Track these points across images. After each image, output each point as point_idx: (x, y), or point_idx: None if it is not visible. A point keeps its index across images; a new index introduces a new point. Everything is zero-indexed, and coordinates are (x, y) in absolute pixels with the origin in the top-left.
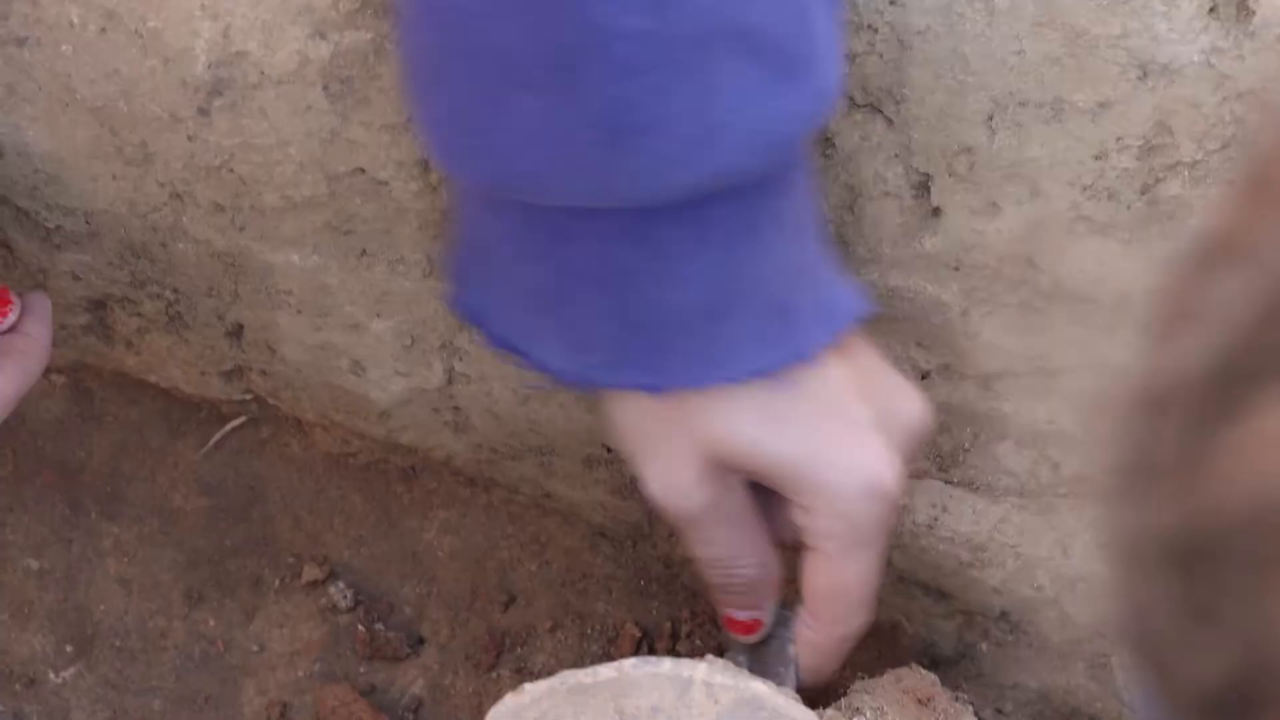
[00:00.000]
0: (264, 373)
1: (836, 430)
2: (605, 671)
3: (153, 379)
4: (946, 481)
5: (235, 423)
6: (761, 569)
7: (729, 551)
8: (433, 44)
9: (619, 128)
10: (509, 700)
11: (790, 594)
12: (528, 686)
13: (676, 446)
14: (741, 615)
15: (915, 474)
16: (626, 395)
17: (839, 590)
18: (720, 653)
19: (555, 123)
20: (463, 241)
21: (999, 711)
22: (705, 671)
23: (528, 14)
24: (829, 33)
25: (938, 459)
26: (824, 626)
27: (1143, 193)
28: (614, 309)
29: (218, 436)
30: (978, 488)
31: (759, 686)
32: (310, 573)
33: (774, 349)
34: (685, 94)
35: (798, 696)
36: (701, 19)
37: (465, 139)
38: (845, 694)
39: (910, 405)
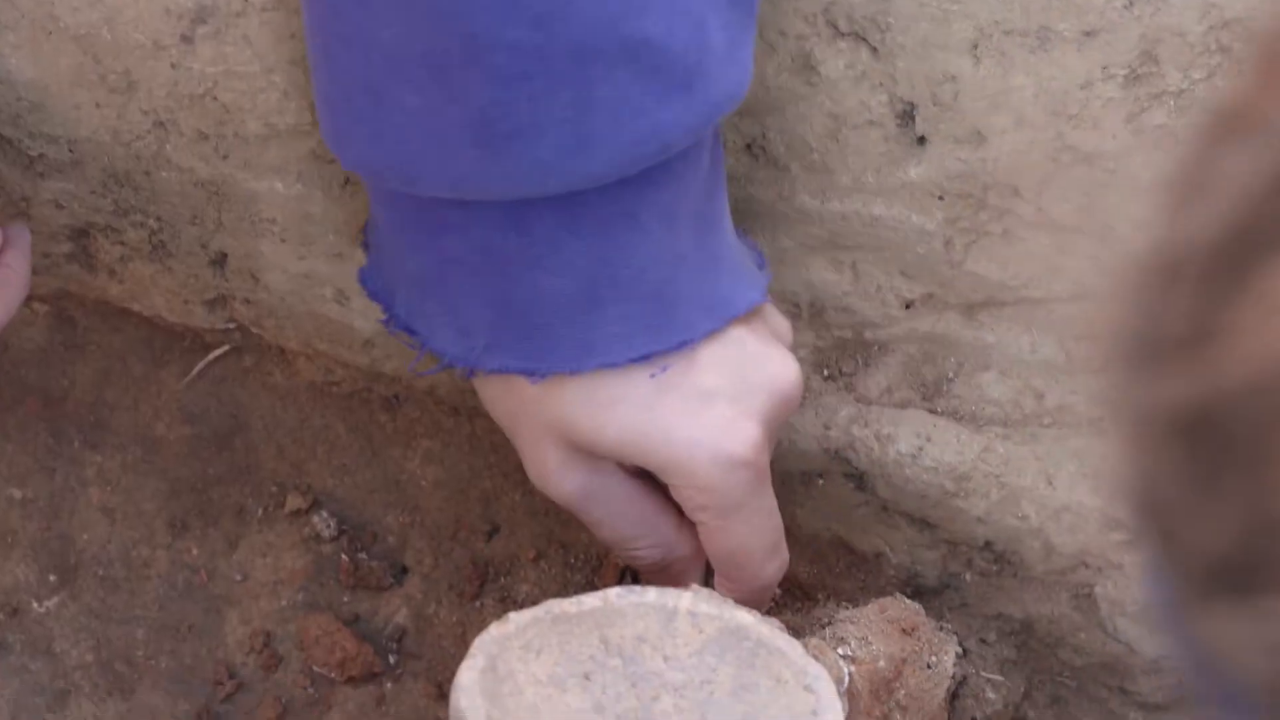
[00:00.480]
0: (247, 301)
1: (674, 405)
2: (590, 601)
3: (135, 308)
4: (930, 411)
5: (218, 351)
6: (663, 549)
7: (619, 534)
8: (318, 27)
9: (493, 131)
10: (494, 629)
11: None
12: (513, 616)
13: (535, 432)
14: None
15: (898, 404)
16: (492, 380)
17: (734, 553)
18: (704, 582)
19: (432, 120)
20: (370, 222)
21: (983, 641)
22: (690, 601)
23: (407, 14)
24: (728, 41)
25: (922, 389)
26: (737, 584)
27: (1128, 122)
28: (490, 296)
29: (201, 365)
30: (962, 418)
31: (744, 616)
32: (293, 502)
33: (655, 337)
34: (562, 103)
35: (782, 625)
36: (586, 33)
37: (346, 123)
38: (829, 624)
39: (774, 369)
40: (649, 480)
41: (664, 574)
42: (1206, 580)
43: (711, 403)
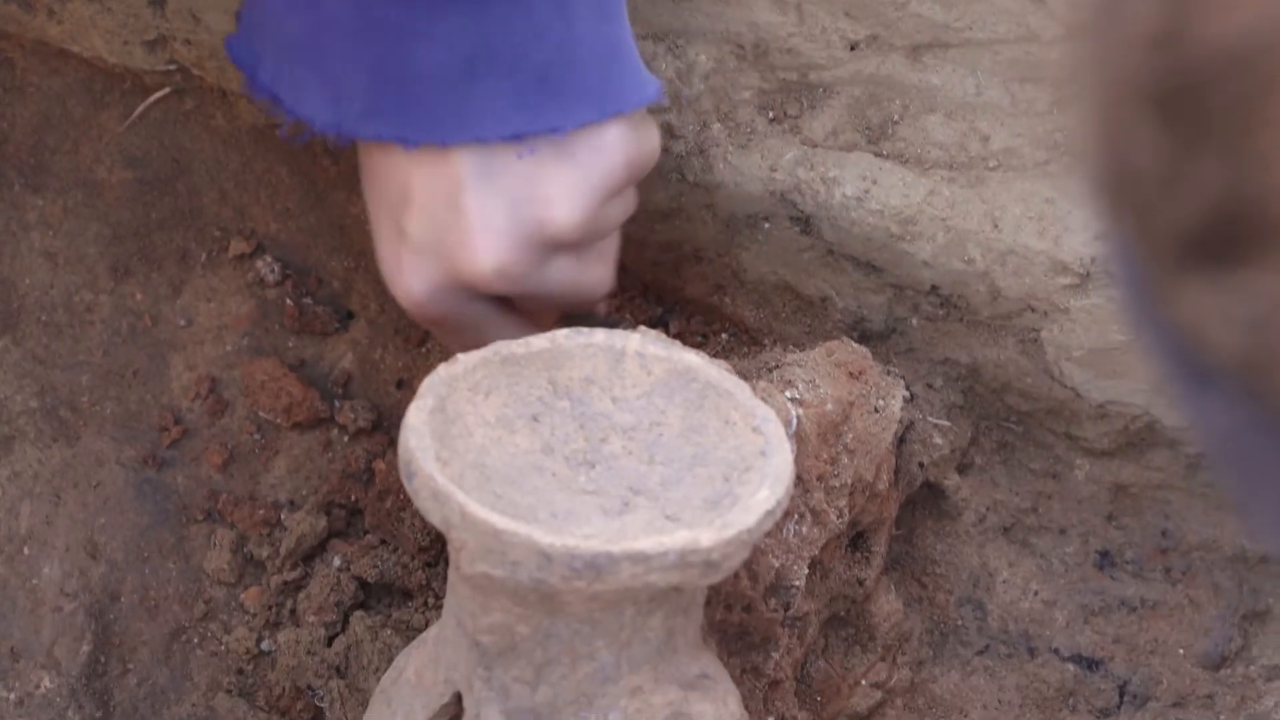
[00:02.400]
0: (188, 42)
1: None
2: (538, 342)
3: (75, 49)
4: (876, 154)
5: (159, 94)
6: None
7: None
8: None
9: None
10: (443, 370)
11: None
12: (461, 357)
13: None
14: None
15: (844, 146)
16: (371, 150)
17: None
18: (651, 325)
19: None
20: None
21: (929, 386)
22: (638, 342)
23: None
24: None
25: (867, 131)
26: None
27: None
28: (368, 61)
29: (142, 108)
30: (907, 160)
31: (691, 358)
32: (237, 246)
33: (531, 117)
34: None
35: (730, 368)
36: None
37: None
38: (777, 367)
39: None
40: None
41: None
42: (1181, 257)
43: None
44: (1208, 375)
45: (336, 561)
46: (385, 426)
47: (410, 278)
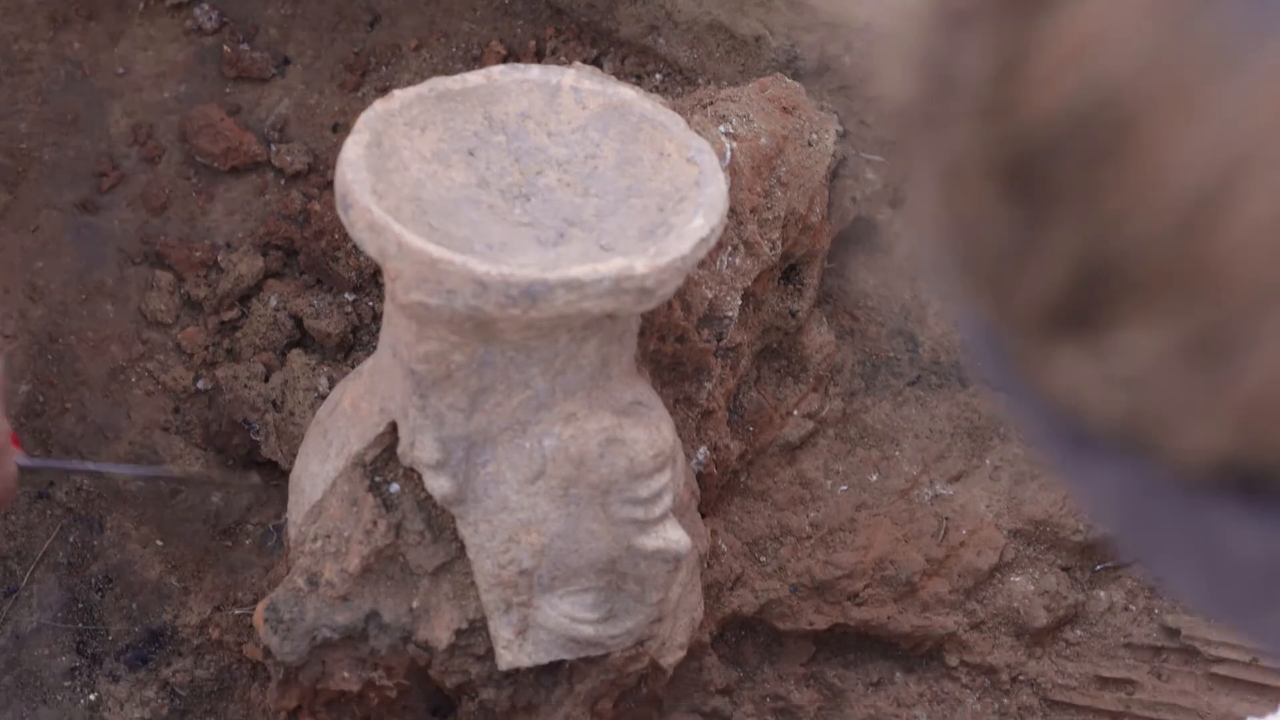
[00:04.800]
0: None
1: None
2: (474, 79)
3: None
4: None
5: None
6: None
7: None
8: None
9: None
10: (379, 106)
11: None
12: (397, 93)
13: None
14: None
15: None
16: None
17: None
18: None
19: None
20: None
21: (862, 123)
22: (574, 78)
23: None
24: None
25: None
26: None
27: None
28: None
29: None
30: None
31: (627, 92)
32: None
33: None
34: None
35: (664, 100)
36: None
37: None
38: (711, 104)
39: None
40: None
41: None
42: (1047, 327)
43: None
44: (1089, 440)
45: (273, 301)
46: (321, 169)
47: None
